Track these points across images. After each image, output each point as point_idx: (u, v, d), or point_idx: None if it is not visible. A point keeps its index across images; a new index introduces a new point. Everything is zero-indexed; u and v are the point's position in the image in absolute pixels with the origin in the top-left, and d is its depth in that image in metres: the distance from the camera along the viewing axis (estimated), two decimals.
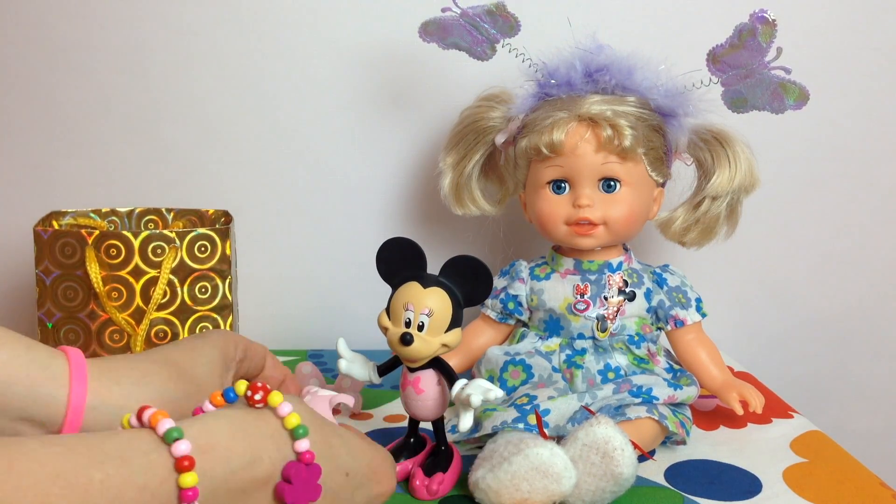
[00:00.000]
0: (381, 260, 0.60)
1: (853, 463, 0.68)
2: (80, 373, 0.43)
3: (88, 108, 0.90)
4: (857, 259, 1.01)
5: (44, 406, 0.42)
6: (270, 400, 0.41)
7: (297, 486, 0.40)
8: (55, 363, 0.43)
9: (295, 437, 0.41)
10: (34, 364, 0.42)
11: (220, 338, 0.54)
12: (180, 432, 0.36)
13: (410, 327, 0.56)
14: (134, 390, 0.45)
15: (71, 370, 0.43)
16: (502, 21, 0.70)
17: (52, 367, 0.42)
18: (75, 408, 0.42)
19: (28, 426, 0.42)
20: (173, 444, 0.36)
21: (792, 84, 0.66)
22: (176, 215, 0.78)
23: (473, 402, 0.55)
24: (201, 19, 0.89)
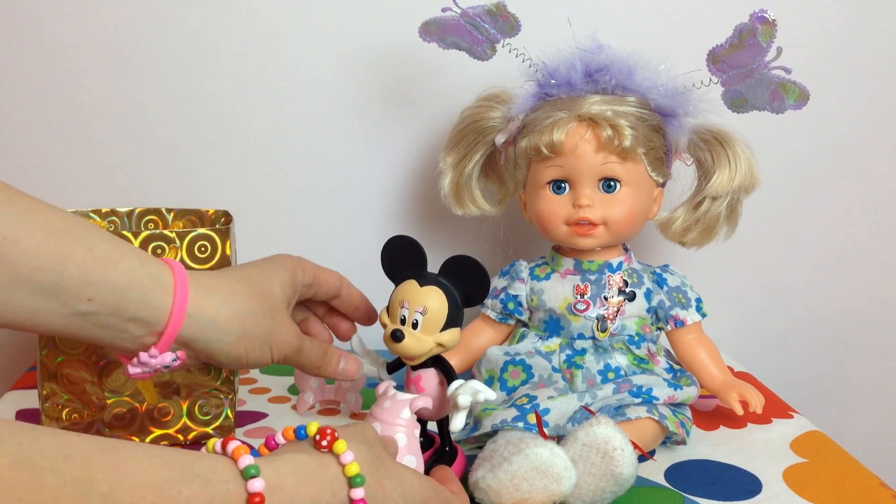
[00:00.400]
0: (384, 257, 0.61)
1: (853, 463, 0.68)
2: (182, 285, 0.50)
3: (88, 108, 0.90)
4: (857, 259, 1.01)
5: (153, 310, 0.49)
6: (336, 448, 0.44)
7: None
8: (164, 275, 0.49)
9: (352, 486, 0.43)
10: (147, 275, 0.49)
11: (290, 262, 0.59)
12: (258, 470, 0.39)
13: (406, 325, 0.57)
14: (223, 305, 0.51)
15: (175, 282, 0.50)
16: (502, 21, 0.70)
17: (161, 279, 0.49)
18: (177, 314, 0.49)
19: (136, 326, 0.49)
20: (250, 481, 0.39)
21: (792, 84, 0.66)
22: (176, 215, 0.78)
23: (461, 403, 0.55)
24: (201, 19, 0.89)
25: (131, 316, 0.48)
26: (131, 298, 0.48)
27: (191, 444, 0.68)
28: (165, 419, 0.67)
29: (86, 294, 0.46)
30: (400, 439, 0.56)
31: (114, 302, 0.47)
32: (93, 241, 0.47)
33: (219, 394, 0.67)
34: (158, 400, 0.66)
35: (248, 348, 0.53)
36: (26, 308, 0.46)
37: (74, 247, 0.46)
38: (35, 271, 0.45)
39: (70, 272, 0.46)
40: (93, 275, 0.47)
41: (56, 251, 0.46)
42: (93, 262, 0.47)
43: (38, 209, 0.47)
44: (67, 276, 0.46)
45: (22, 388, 0.77)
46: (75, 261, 0.46)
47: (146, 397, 0.65)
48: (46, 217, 0.47)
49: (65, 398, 0.65)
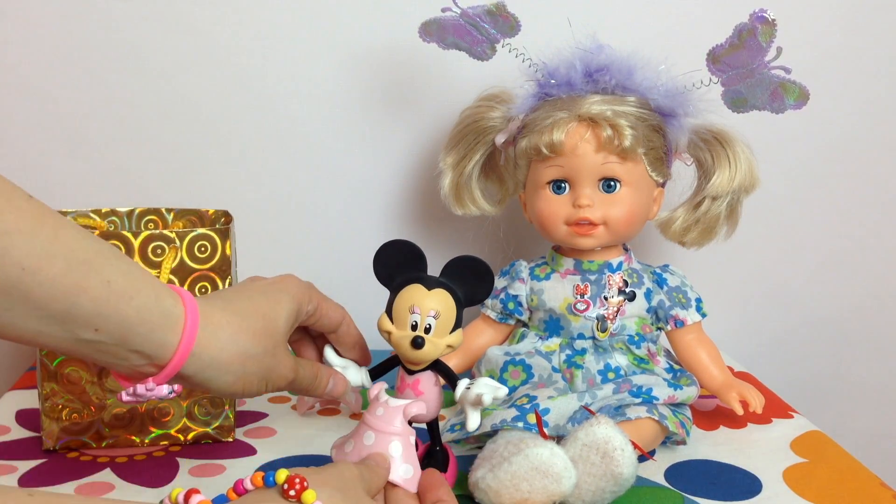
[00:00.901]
0: (379, 263, 0.59)
1: (853, 463, 0.68)
2: (192, 324, 0.49)
3: (88, 108, 0.90)
4: (857, 259, 1.01)
5: (158, 347, 0.48)
6: (304, 498, 0.43)
7: None
8: (175, 311, 0.49)
9: None
10: (159, 311, 0.48)
11: (298, 290, 0.58)
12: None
13: (417, 330, 0.55)
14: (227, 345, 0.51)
15: (186, 321, 0.49)
16: (502, 21, 0.70)
17: (172, 316, 0.49)
18: (182, 353, 0.49)
19: (139, 357, 0.48)
20: None
21: (792, 84, 0.66)
22: (176, 215, 0.78)
23: (486, 401, 0.55)
24: (201, 19, 0.89)
25: (136, 349, 0.48)
26: (139, 333, 0.48)
27: (191, 444, 0.68)
28: (165, 419, 0.67)
29: (94, 324, 0.46)
30: (395, 448, 0.55)
31: (121, 334, 0.47)
32: (112, 273, 0.47)
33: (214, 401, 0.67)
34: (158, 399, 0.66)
35: (246, 385, 0.52)
36: (32, 330, 0.46)
37: (93, 279, 0.46)
38: (48, 300, 0.45)
39: (83, 304, 0.46)
40: (105, 308, 0.46)
41: (73, 283, 0.45)
42: (107, 297, 0.46)
43: (64, 236, 0.46)
44: (79, 307, 0.46)
45: (22, 388, 0.77)
46: (90, 294, 0.46)
47: None
48: (70, 245, 0.46)
49: (65, 398, 0.65)
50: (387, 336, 0.57)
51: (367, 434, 0.56)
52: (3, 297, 0.44)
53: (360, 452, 0.56)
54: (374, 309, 0.63)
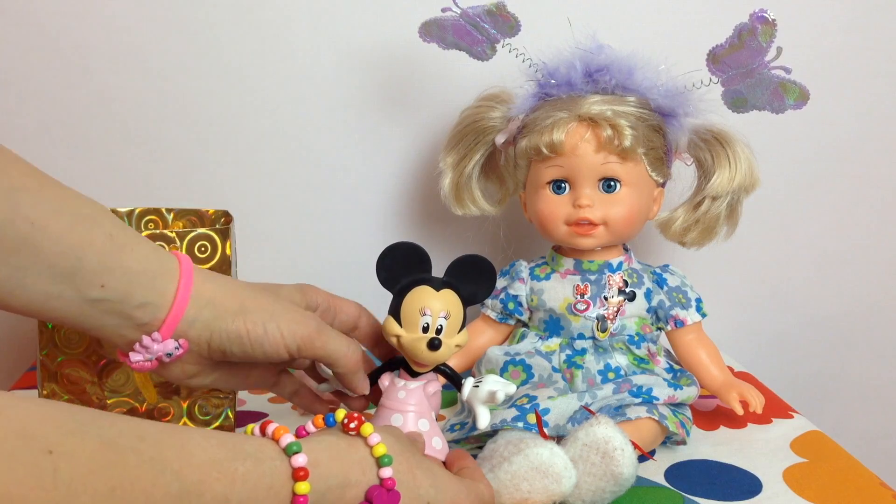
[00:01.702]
0: (383, 267, 0.58)
1: (853, 463, 0.68)
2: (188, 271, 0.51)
3: (88, 108, 0.90)
4: (857, 259, 1.01)
5: (159, 295, 0.50)
6: (363, 430, 0.46)
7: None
8: (171, 263, 0.51)
9: (380, 465, 0.46)
10: (157, 261, 0.51)
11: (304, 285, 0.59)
12: (300, 447, 0.43)
13: (429, 332, 0.55)
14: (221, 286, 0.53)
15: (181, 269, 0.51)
16: (502, 21, 0.70)
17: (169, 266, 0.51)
18: (182, 296, 0.50)
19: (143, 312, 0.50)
20: (293, 456, 0.42)
21: (792, 84, 0.66)
22: (176, 215, 0.78)
23: (499, 398, 0.56)
24: (201, 19, 0.89)
25: (139, 302, 0.49)
26: (141, 284, 0.49)
27: None
28: (165, 419, 0.67)
29: (100, 280, 0.48)
30: (423, 424, 0.57)
31: (125, 288, 0.49)
32: (112, 228, 0.49)
33: (218, 393, 0.67)
34: (158, 400, 0.66)
35: (248, 325, 0.52)
36: (41, 292, 0.47)
37: (96, 233, 0.48)
38: (57, 256, 0.46)
39: (89, 258, 0.47)
40: (109, 261, 0.48)
41: (79, 237, 0.47)
42: (111, 249, 0.48)
43: (67, 195, 0.48)
44: (86, 262, 0.47)
45: (22, 388, 0.77)
46: (95, 247, 0.48)
47: (146, 397, 0.65)
48: (73, 204, 0.48)
49: (65, 398, 0.65)
50: (395, 340, 0.56)
51: (395, 417, 0.57)
52: (15, 256, 0.45)
53: None
54: (374, 308, 0.64)
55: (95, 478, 0.34)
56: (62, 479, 0.32)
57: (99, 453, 0.34)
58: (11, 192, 0.45)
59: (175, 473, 0.37)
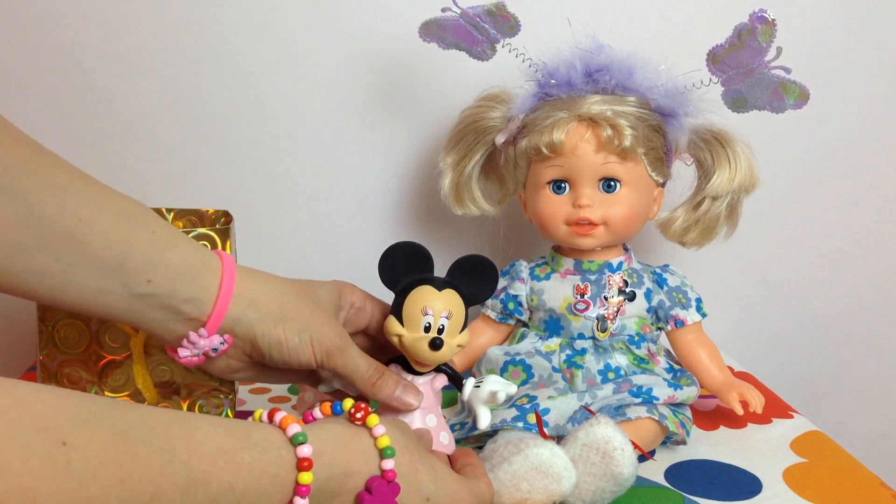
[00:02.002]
0: (384, 267, 0.58)
1: (853, 463, 0.68)
2: (230, 268, 0.53)
3: (88, 108, 0.90)
4: (857, 259, 1.01)
5: (203, 290, 0.52)
6: (369, 421, 0.47)
7: (376, 498, 0.45)
8: (213, 260, 0.53)
9: (383, 456, 0.46)
10: (200, 258, 0.53)
11: (340, 283, 0.61)
12: (306, 437, 0.43)
13: (431, 332, 0.55)
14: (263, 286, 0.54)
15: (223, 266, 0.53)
16: (502, 21, 0.70)
17: (211, 263, 0.53)
18: (225, 293, 0.52)
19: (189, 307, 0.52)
20: (298, 447, 0.43)
21: (792, 84, 0.66)
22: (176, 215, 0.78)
23: (500, 398, 0.56)
24: (201, 19, 0.89)
25: (185, 297, 0.51)
26: (186, 279, 0.51)
27: None
28: None
29: (146, 275, 0.50)
30: (431, 420, 0.57)
31: (170, 283, 0.51)
32: (155, 225, 0.51)
33: (219, 394, 0.67)
34: (158, 400, 0.66)
35: (287, 332, 0.54)
36: (90, 288, 0.49)
37: (140, 229, 0.50)
38: (103, 251, 0.48)
39: (134, 253, 0.49)
40: (154, 256, 0.50)
41: (124, 233, 0.49)
42: (155, 245, 0.50)
43: (110, 194, 0.51)
44: (131, 257, 0.49)
45: None
46: (140, 243, 0.50)
47: (146, 397, 0.65)
48: (117, 201, 0.50)
49: None
50: (397, 340, 0.56)
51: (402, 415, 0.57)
52: (65, 251, 0.47)
53: None
54: None
55: (106, 469, 0.34)
56: (74, 471, 0.33)
57: (111, 444, 0.35)
58: (59, 190, 0.47)
59: (183, 463, 0.38)
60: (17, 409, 0.33)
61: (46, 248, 0.47)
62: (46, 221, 0.47)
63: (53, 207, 0.47)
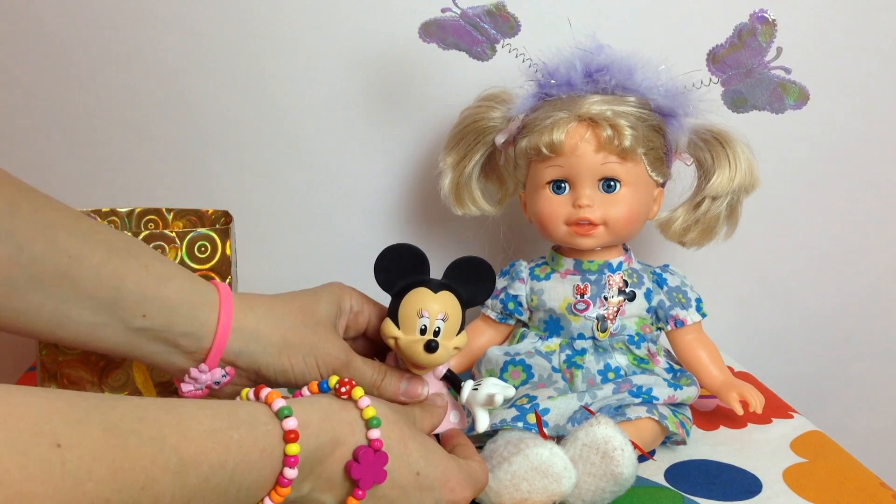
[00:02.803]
0: (381, 269, 0.58)
1: (853, 463, 0.68)
2: (227, 301, 0.53)
3: (88, 108, 0.90)
4: (857, 259, 1.01)
5: (200, 325, 0.52)
6: (353, 393, 0.48)
7: (364, 466, 0.46)
8: (210, 293, 0.53)
9: (369, 426, 0.48)
10: (196, 292, 0.53)
11: (337, 287, 0.61)
12: (290, 410, 0.44)
13: (426, 334, 0.55)
14: (263, 317, 0.54)
15: (221, 299, 0.53)
16: (502, 21, 0.70)
17: (207, 296, 0.53)
18: (223, 328, 0.52)
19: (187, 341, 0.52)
20: (284, 420, 0.44)
21: (792, 84, 0.66)
22: (176, 215, 0.78)
23: (498, 401, 0.56)
24: (201, 19, 0.89)
25: (182, 331, 0.52)
26: (182, 314, 0.52)
27: None
28: None
29: (141, 310, 0.50)
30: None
31: (166, 318, 0.51)
32: (148, 259, 0.52)
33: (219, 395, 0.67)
34: None
35: (292, 360, 0.54)
36: (87, 323, 0.49)
37: (132, 264, 0.50)
38: (96, 287, 0.49)
39: (128, 287, 0.50)
40: (148, 291, 0.50)
41: (115, 268, 0.50)
42: (148, 280, 0.51)
43: (100, 230, 0.51)
44: (125, 292, 0.50)
45: None
46: (132, 277, 0.50)
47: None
48: (107, 237, 0.51)
49: None
50: (393, 342, 0.56)
51: None
52: (58, 288, 0.48)
53: None
54: None
55: (99, 464, 0.35)
56: (69, 470, 0.34)
57: (102, 440, 0.36)
58: (48, 229, 0.48)
59: (173, 449, 0.39)
60: (13, 416, 0.34)
61: (38, 285, 0.48)
62: (37, 259, 0.47)
63: (43, 245, 0.47)
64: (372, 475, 0.47)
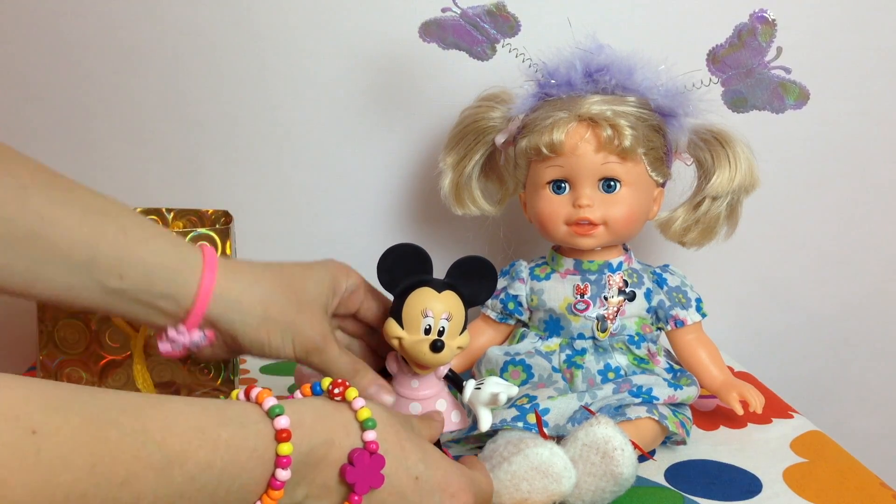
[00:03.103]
0: (384, 269, 0.57)
1: (853, 463, 0.68)
2: (211, 267, 0.52)
3: (88, 108, 0.90)
4: (857, 259, 1.01)
5: (180, 288, 0.51)
6: (347, 394, 0.47)
7: (360, 470, 0.45)
8: (193, 257, 0.52)
9: (364, 428, 0.46)
10: (177, 256, 0.52)
11: (335, 266, 0.59)
12: (282, 409, 0.43)
13: (431, 333, 0.55)
14: (247, 288, 0.53)
15: (204, 264, 0.52)
16: (502, 21, 0.70)
17: (190, 260, 0.52)
18: (204, 293, 0.51)
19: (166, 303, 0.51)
20: (276, 419, 0.43)
21: (792, 84, 0.66)
22: (176, 215, 0.78)
23: (501, 400, 0.56)
24: (201, 19, 0.89)
25: (161, 293, 0.51)
26: (160, 277, 0.51)
27: None
28: None
29: (117, 271, 0.50)
30: (441, 404, 0.58)
31: (144, 279, 0.50)
32: (126, 222, 0.51)
33: (219, 394, 0.67)
34: None
35: (270, 335, 0.54)
36: (62, 283, 0.49)
37: (108, 227, 0.50)
38: (70, 249, 0.48)
39: (103, 250, 0.49)
40: (124, 253, 0.50)
41: (91, 230, 0.49)
42: (125, 242, 0.50)
43: (77, 191, 0.50)
44: (100, 254, 0.49)
45: None
46: (108, 239, 0.49)
47: None
48: (83, 198, 0.50)
49: None
50: (397, 342, 0.56)
51: (413, 405, 0.58)
52: (29, 248, 0.47)
53: None
54: None
55: (76, 455, 0.34)
56: (43, 460, 0.33)
57: (81, 430, 0.35)
58: (20, 190, 0.47)
59: (157, 444, 0.37)
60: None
61: (9, 246, 0.47)
62: (7, 221, 0.47)
63: (15, 207, 0.47)
64: (368, 479, 0.45)
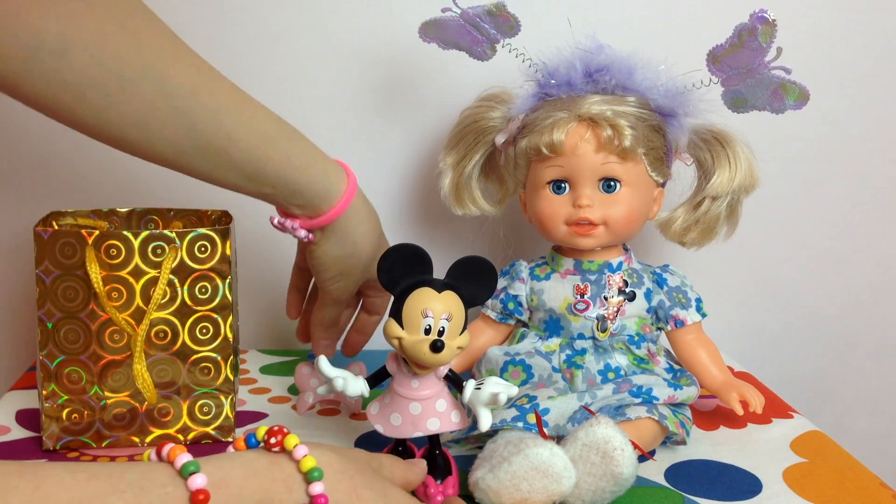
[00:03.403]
0: (384, 269, 0.57)
1: (853, 463, 0.68)
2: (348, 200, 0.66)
3: None
4: (857, 259, 1.01)
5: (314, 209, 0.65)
6: (286, 443, 0.43)
7: None
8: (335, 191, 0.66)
9: (309, 480, 0.42)
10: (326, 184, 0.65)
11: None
12: (197, 466, 0.38)
13: (431, 334, 0.55)
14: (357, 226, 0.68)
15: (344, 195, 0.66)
16: (502, 21, 0.70)
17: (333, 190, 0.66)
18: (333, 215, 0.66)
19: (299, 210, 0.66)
20: (189, 478, 0.38)
21: (792, 84, 0.66)
22: (176, 215, 0.78)
23: (502, 400, 0.56)
24: (200, 19, 0.89)
25: (298, 204, 0.65)
26: (303, 196, 0.64)
27: (191, 444, 0.68)
28: (165, 419, 0.67)
29: (272, 184, 0.62)
30: (441, 404, 0.58)
31: (290, 194, 0.64)
32: (292, 149, 0.63)
33: (219, 394, 0.67)
34: (158, 400, 0.66)
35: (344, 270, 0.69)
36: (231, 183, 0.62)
37: (277, 152, 0.62)
38: (244, 163, 0.60)
39: (267, 169, 0.61)
40: (283, 175, 0.62)
41: (262, 153, 0.61)
42: (285, 167, 0.62)
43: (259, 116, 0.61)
44: (265, 171, 0.61)
45: (22, 388, 0.77)
46: (273, 163, 0.61)
47: (146, 397, 0.65)
48: (263, 125, 0.61)
49: (65, 398, 0.65)
50: (396, 342, 0.56)
51: (413, 405, 0.58)
52: (213, 158, 0.59)
53: (415, 422, 0.58)
54: None
55: None
56: None
57: None
58: (215, 112, 0.58)
59: None
60: None
61: (201, 154, 0.59)
62: (203, 136, 0.58)
63: (210, 126, 0.58)
64: None
